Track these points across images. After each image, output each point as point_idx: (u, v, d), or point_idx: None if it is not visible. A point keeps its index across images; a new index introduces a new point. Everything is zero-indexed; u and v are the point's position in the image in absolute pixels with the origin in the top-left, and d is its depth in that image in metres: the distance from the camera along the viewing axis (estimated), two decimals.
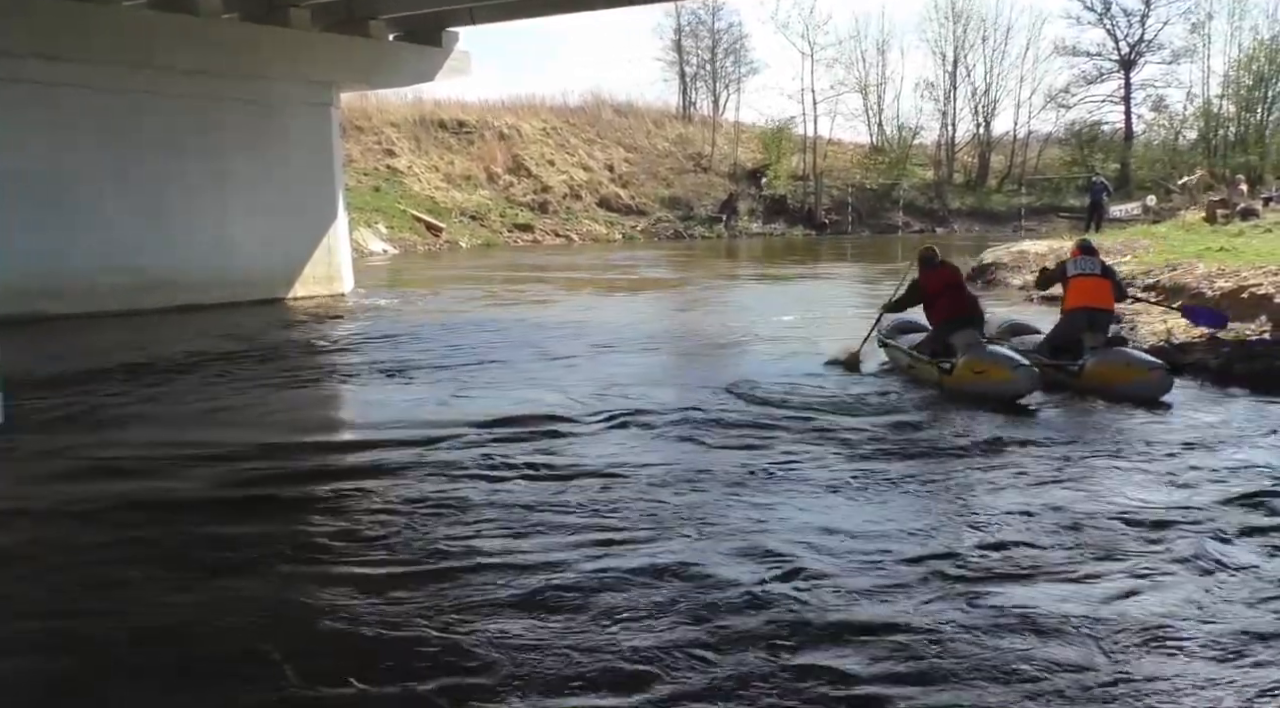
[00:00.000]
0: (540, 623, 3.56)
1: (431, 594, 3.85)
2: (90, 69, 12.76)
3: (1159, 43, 43.67)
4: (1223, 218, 20.45)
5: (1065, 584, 3.92)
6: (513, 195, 33.21)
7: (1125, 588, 3.85)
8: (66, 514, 4.90)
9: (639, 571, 4.03)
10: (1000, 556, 4.22)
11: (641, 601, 3.75)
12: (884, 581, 3.94)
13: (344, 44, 15.21)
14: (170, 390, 8.22)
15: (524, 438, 6.25)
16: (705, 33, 44.46)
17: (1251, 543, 4.34)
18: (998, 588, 3.87)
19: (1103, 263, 8.55)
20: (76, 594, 3.94)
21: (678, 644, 3.39)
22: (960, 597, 3.78)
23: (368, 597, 3.84)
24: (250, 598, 3.88)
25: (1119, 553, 4.23)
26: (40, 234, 12.11)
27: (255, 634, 3.55)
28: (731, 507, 4.87)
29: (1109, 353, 7.68)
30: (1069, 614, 3.60)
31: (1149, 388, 7.22)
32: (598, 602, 3.74)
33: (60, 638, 3.55)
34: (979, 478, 5.37)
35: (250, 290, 14.47)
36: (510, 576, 4.01)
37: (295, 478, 5.55)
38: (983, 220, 39.00)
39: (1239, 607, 3.69)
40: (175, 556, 4.37)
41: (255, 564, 4.24)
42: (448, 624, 3.58)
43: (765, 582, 3.91)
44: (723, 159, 39.28)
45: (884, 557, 4.19)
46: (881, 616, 3.62)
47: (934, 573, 4.00)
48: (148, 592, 3.95)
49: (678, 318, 13.40)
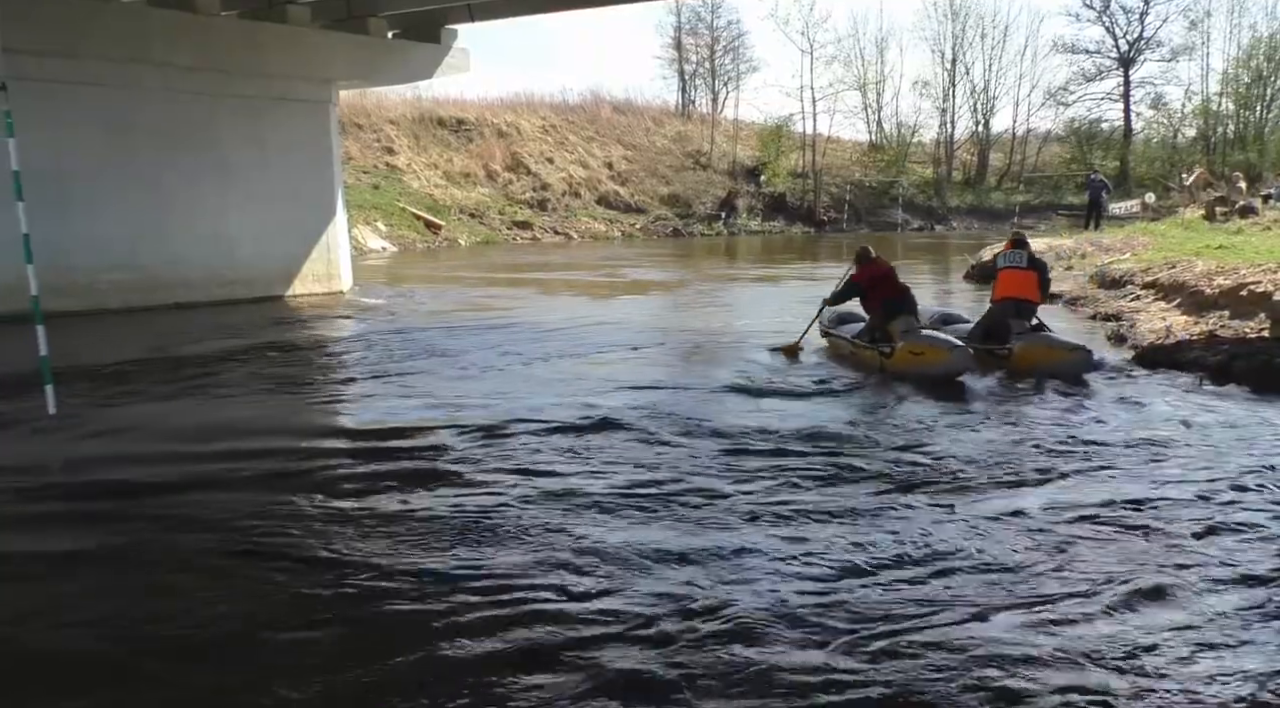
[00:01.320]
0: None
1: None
2: (89, 66, 12.74)
3: (1158, 40, 43.74)
4: (1221, 215, 20.48)
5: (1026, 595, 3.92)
6: (512, 193, 33.19)
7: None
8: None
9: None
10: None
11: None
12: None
13: (343, 41, 15.20)
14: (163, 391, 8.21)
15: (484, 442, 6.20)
16: (705, 30, 44.51)
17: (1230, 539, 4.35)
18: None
19: (1031, 256, 9.11)
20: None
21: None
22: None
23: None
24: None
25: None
26: (40, 231, 12.03)
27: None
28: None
29: (1035, 338, 8.45)
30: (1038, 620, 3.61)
31: (1073, 368, 7.96)
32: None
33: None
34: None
35: (249, 288, 14.48)
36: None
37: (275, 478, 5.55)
38: (981, 218, 39.03)
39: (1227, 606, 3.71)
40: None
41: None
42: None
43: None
44: (722, 157, 39.27)
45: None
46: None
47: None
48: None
49: (669, 319, 13.29)
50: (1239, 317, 9.54)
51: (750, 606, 3.67)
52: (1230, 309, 9.81)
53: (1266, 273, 10.22)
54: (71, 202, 12.67)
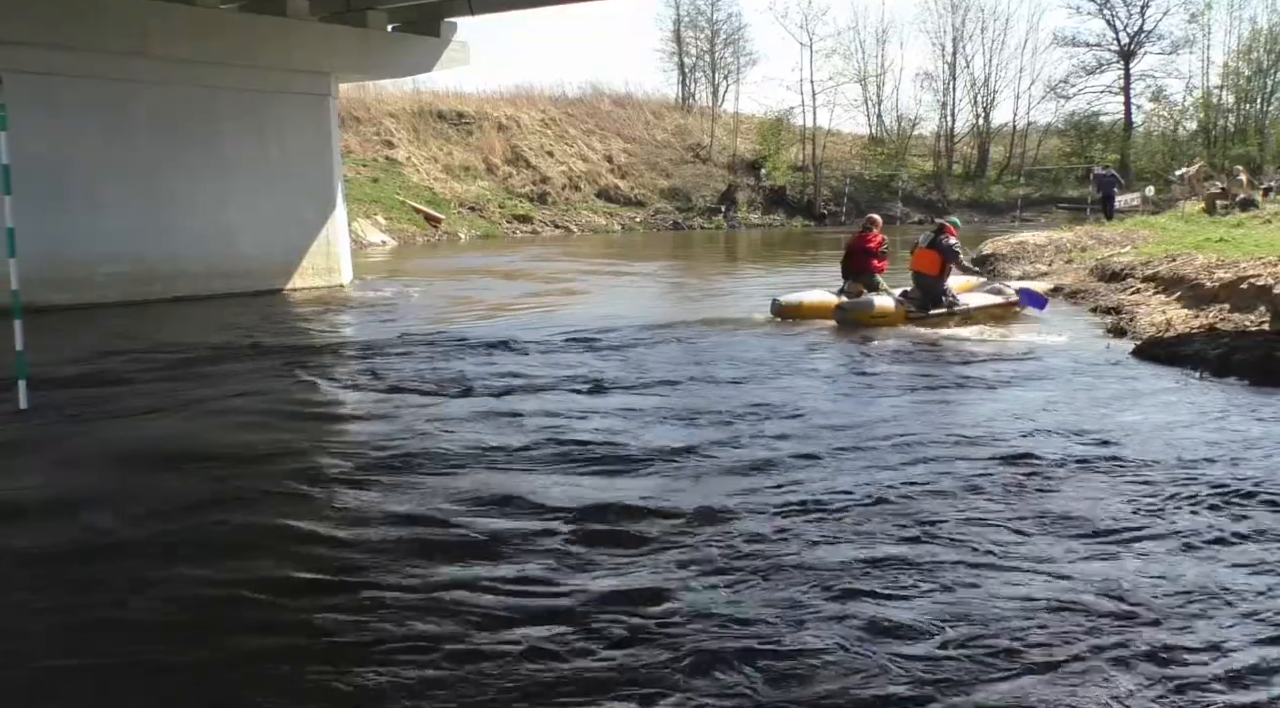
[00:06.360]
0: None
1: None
2: (88, 59, 12.71)
3: (1158, 33, 43.76)
4: (1222, 209, 20.47)
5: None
6: (511, 186, 33.16)
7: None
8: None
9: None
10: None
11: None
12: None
13: (342, 34, 15.16)
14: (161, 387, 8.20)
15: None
16: (704, 23, 44.47)
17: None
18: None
19: (933, 237, 11.11)
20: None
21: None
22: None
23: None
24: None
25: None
26: (39, 224, 12.06)
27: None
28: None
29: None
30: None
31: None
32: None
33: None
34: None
35: (249, 281, 14.46)
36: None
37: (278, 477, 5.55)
38: (982, 211, 39.01)
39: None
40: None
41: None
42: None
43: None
44: (722, 150, 39.24)
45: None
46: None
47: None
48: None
49: (661, 312, 13.24)
50: (1239, 310, 9.52)
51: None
52: (1230, 302, 9.79)
53: (1266, 266, 10.20)
54: (70, 195, 12.65)
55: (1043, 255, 16.94)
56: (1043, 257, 16.84)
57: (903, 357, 9.17)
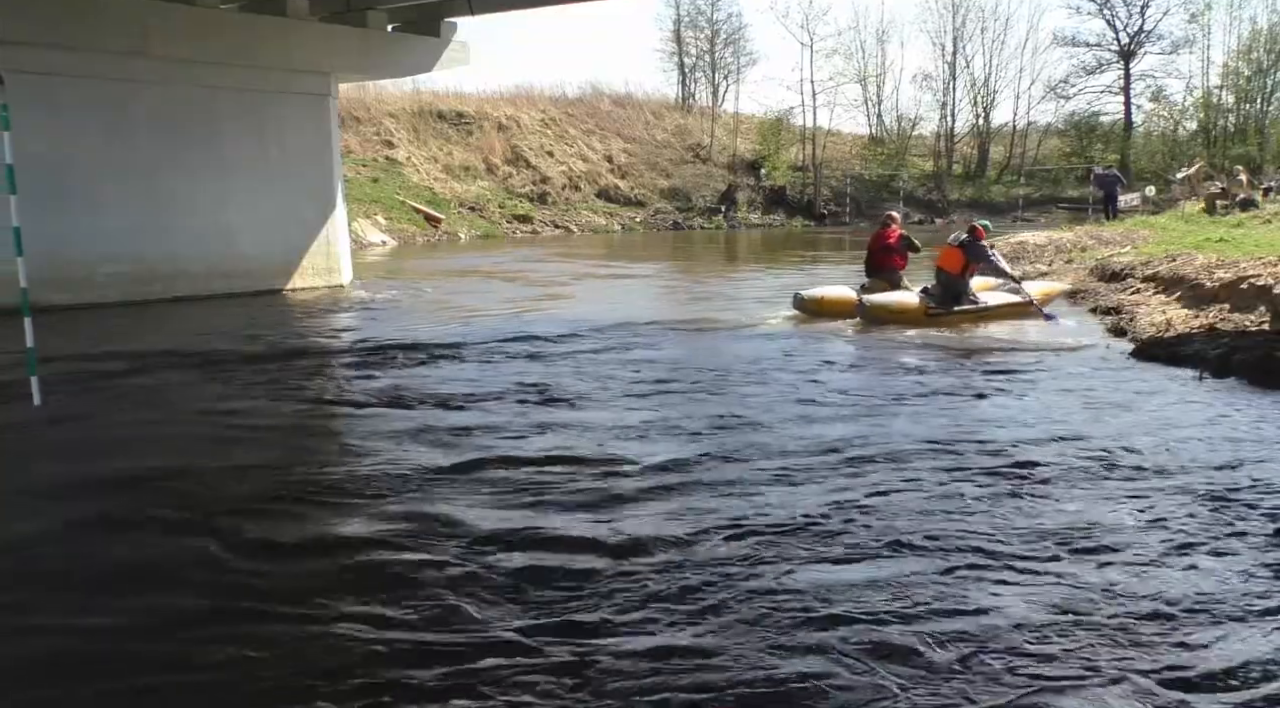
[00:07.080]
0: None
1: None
2: (88, 59, 12.71)
3: (1158, 33, 43.76)
4: (1222, 209, 20.48)
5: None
6: (512, 186, 33.15)
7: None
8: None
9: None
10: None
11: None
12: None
13: (342, 34, 15.16)
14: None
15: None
16: (704, 23, 44.47)
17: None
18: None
19: (963, 238, 11.28)
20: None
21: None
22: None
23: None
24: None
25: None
26: (39, 224, 12.04)
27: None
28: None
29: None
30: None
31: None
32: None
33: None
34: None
35: (249, 282, 14.45)
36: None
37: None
38: (982, 211, 38.91)
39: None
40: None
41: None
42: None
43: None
44: (722, 150, 39.23)
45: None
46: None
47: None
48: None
49: (657, 312, 13.20)
50: (1239, 310, 9.52)
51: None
52: (1230, 302, 9.79)
53: (1266, 266, 10.20)
54: (70, 195, 12.65)
55: (1043, 255, 16.96)
56: (1043, 256, 16.86)
57: (902, 357, 9.15)
